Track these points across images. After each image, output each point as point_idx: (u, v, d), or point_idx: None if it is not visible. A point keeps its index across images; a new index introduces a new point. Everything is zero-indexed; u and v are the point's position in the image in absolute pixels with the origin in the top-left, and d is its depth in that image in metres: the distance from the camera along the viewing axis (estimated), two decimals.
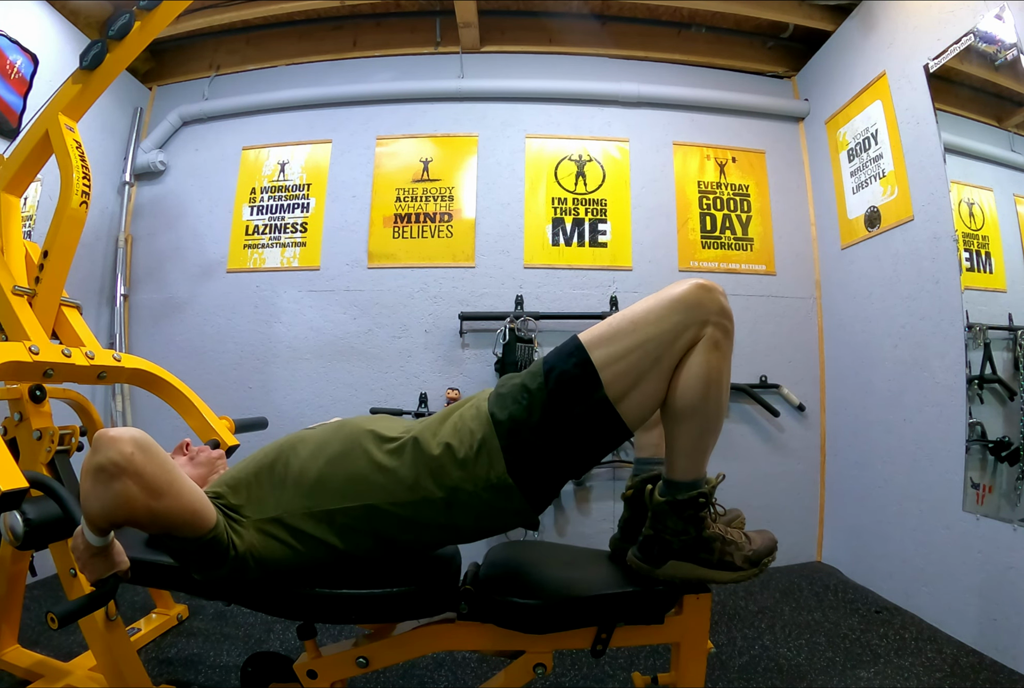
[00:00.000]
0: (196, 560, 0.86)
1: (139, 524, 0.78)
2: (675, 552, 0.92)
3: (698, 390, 0.86)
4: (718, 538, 0.92)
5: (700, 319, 0.85)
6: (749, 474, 2.48)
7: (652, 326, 0.86)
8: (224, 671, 1.52)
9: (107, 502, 0.74)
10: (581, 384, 0.85)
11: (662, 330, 0.85)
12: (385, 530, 0.89)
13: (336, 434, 0.95)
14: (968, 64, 1.81)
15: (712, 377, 0.86)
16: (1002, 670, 1.53)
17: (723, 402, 0.90)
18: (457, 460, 0.86)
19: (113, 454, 0.73)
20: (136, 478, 0.74)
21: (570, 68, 2.77)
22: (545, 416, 0.85)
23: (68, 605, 0.87)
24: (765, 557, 0.94)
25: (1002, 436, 1.70)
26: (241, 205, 2.73)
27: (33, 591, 1.75)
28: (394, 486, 0.87)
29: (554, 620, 0.93)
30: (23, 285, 1.41)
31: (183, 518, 0.79)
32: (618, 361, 0.85)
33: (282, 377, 2.55)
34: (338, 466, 0.89)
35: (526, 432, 0.85)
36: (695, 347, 0.86)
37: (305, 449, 0.93)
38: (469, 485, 0.86)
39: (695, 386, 0.86)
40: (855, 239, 2.38)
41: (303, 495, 0.88)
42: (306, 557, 0.89)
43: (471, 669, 1.56)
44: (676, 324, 0.85)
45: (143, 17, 1.46)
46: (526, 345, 2.36)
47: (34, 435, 1.31)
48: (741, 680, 1.51)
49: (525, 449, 0.86)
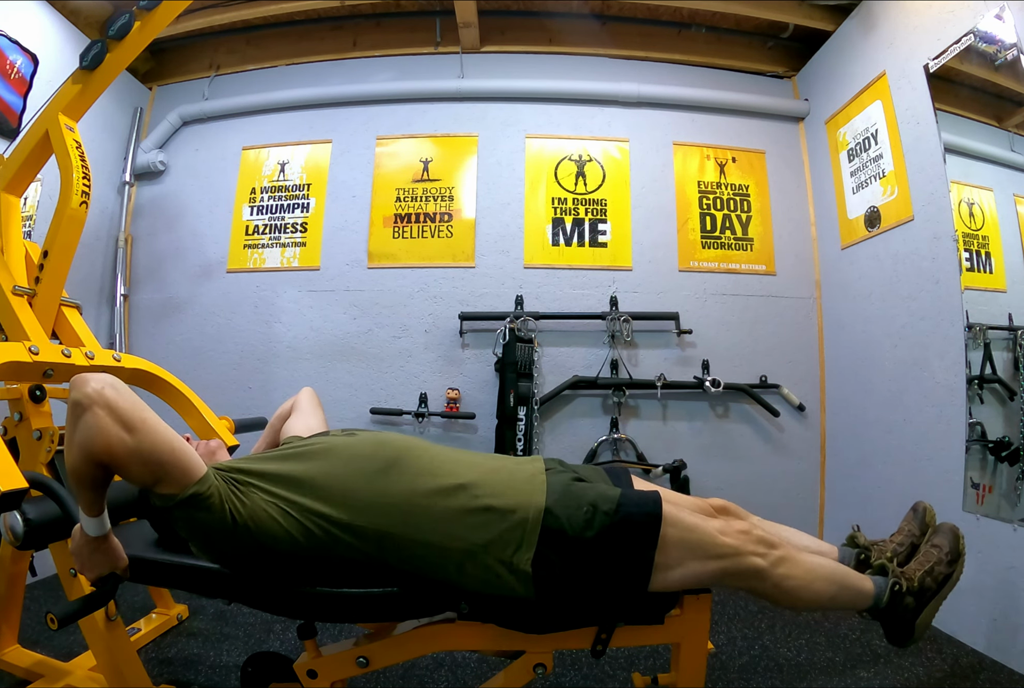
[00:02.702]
0: (188, 521, 0.84)
1: (117, 462, 0.77)
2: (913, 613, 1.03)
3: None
4: (923, 577, 1.02)
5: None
6: (749, 474, 2.48)
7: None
8: (224, 671, 1.52)
9: (83, 436, 0.75)
10: (642, 534, 0.88)
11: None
12: (388, 553, 0.90)
13: (379, 450, 0.97)
14: (968, 64, 1.81)
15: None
16: (1002, 670, 1.53)
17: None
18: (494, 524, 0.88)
19: (86, 389, 0.76)
20: (107, 409, 0.75)
21: (570, 68, 2.77)
22: (598, 538, 0.87)
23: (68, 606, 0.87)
24: (957, 547, 1.05)
25: (1002, 436, 1.70)
26: (241, 205, 2.73)
27: (33, 591, 1.75)
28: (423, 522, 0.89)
29: (554, 620, 0.93)
30: (23, 285, 1.41)
31: (162, 457, 0.79)
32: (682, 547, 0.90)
33: (282, 377, 2.55)
34: (376, 482, 0.91)
35: (571, 540, 0.87)
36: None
37: (342, 455, 0.95)
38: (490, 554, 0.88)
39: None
40: (855, 239, 2.38)
41: (322, 498, 0.89)
42: (300, 545, 0.88)
43: (471, 669, 1.56)
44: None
45: (143, 17, 1.46)
46: (526, 345, 2.36)
47: (34, 435, 1.31)
48: (741, 680, 1.51)
49: (560, 553, 0.87)
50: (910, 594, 1.01)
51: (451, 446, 1.14)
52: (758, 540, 0.93)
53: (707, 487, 2.44)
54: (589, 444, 2.41)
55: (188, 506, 0.82)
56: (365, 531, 0.88)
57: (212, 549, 0.90)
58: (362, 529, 0.88)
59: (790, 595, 0.94)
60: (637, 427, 2.47)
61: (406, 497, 0.90)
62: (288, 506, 0.87)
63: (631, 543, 0.87)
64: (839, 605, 1.00)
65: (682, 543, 0.89)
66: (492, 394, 2.42)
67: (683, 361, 2.51)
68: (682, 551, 0.89)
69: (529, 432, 2.27)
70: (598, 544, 0.87)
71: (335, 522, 0.87)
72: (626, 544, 0.87)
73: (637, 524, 0.88)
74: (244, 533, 0.85)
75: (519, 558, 0.86)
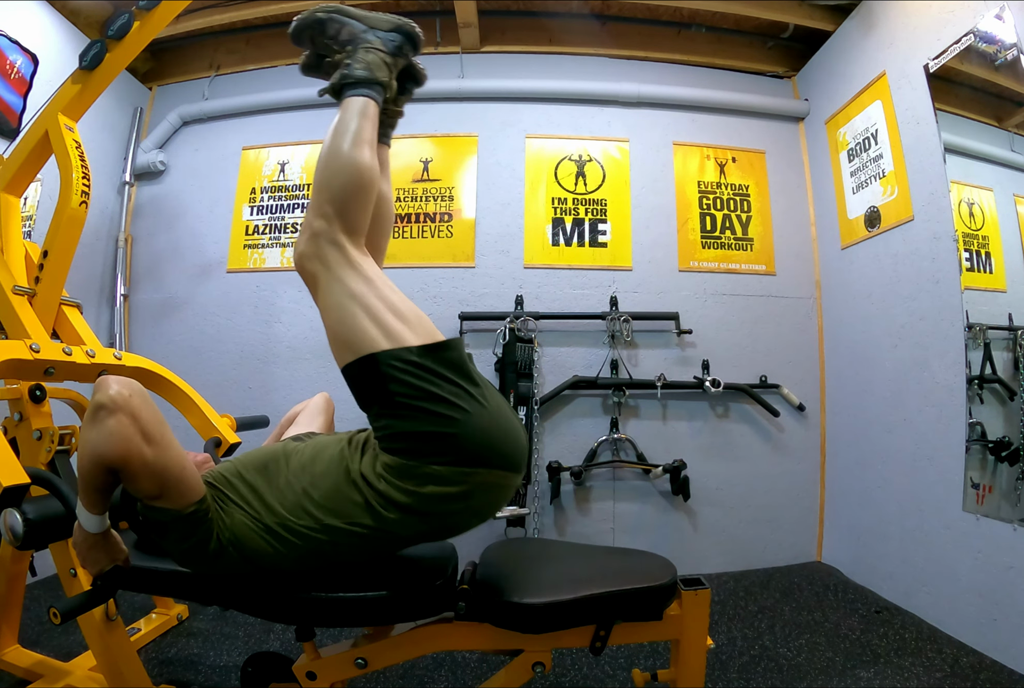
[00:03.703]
0: (179, 539, 0.83)
1: (130, 471, 0.76)
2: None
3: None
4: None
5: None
6: (749, 474, 2.48)
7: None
8: (224, 671, 1.52)
9: (103, 438, 0.75)
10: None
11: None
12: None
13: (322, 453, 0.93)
14: (968, 64, 1.81)
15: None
16: (1002, 670, 1.53)
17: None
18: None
19: (112, 393, 0.76)
20: (132, 418, 0.75)
21: (570, 68, 2.77)
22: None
23: (71, 600, 0.87)
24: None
25: (1002, 436, 1.70)
26: (241, 205, 2.73)
27: (33, 591, 1.75)
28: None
29: (552, 619, 0.93)
30: (23, 285, 1.42)
31: (172, 474, 0.79)
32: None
33: (282, 377, 2.55)
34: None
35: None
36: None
37: (292, 464, 0.91)
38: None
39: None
40: (855, 239, 2.38)
41: (284, 507, 0.86)
42: (284, 555, 0.86)
43: (471, 669, 1.56)
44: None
45: (142, 17, 1.46)
46: (526, 345, 2.36)
47: (34, 435, 1.31)
48: (741, 680, 1.51)
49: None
50: None
51: None
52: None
53: (707, 487, 2.44)
54: (589, 444, 2.41)
55: (183, 522, 0.82)
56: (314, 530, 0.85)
57: (201, 564, 0.88)
58: (310, 529, 0.85)
59: None
60: (637, 427, 2.47)
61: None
62: (260, 519, 0.85)
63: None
64: None
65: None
66: None
67: (683, 361, 2.51)
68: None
69: (529, 432, 2.27)
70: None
71: (295, 529, 0.84)
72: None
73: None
74: (231, 550, 0.85)
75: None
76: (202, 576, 0.92)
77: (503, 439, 0.84)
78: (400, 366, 0.80)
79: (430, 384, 0.80)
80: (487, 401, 0.84)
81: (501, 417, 0.85)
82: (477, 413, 0.81)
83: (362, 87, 0.97)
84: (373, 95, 0.97)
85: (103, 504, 0.82)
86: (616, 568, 1.04)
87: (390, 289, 0.88)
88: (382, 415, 0.83)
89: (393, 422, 0.82)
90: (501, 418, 0.85)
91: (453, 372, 0.82)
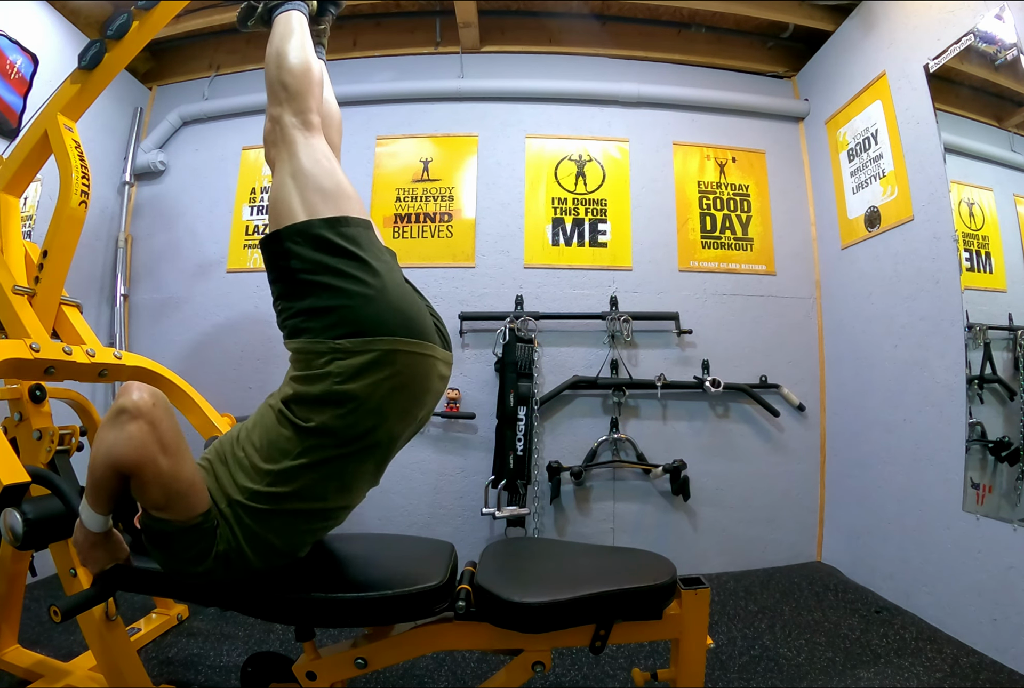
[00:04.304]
0: (180, 550, 0.84)
1: (142, 478, 0.77)
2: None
3: None
4: None
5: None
6: (749, 474, 2.48)
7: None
8: (224, 671, 1.52)
9: (121, 441, 0.75)
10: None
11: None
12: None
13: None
14: (968, 64, 1.81)
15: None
16: (1002, 670, 1.53)
17: None
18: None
19: (136, 399, 0.77)
20: (151, 426, 0.76)
21: (570, 68, 2.76)
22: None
23: (72, 598, 0.87)
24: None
25: (1002, 436, 1.70)
26: (241, 205, 2.73)
27: (33, 591, 1.75)
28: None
29: (551, 619, 0.93)
30: (23, 284, 1.41)
31: (181, 487, 0.79)
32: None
33: (282, 377, 2.54)
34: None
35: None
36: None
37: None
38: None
39: None
40: (855, 239, 2.38)
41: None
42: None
43: (471, 669, 1.56)
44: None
45: (141, 17, 1.46)
46: (526, 345, 2.36)
47: (34, 435, 1.31)
48: (741, 680, 1.51)
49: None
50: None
51: (451, 446, 1.14)
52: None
53: (707, 487, 2.44)
54: (589, 444, 2.41)
55: (186, 534, 0.82)
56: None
57: (198, 576, 0.88)
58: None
59: None
60: (637, 427, 2.47)
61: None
62: (239, 501, 0.87)
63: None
64: None
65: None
66: (492, 394, 2.42)
67: (683, 361, 2.51)
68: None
69: (529, 432, 2.26)
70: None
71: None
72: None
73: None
74: (228, 558, 0.85)
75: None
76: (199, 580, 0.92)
77: (399, 306, 0.87)
78: (300, 241, 0.85)
79: (326, 255, 0.85)
80: (382, 274, 0.87)
81: (397, 286, 0.90)
82: (371, 284, 0.85)
83: (286, 3, 1.10)
84: (299, 6, 1.09)
85: (109, 505, 0.82)
86: (616, 568, 1.04)
87: (328, 169, 0.93)
88: (283, 296, 0.89)
89: (294, 303, 0.87)
90: (396, 287, 0.89)
91: (352, 244, 0.86)
